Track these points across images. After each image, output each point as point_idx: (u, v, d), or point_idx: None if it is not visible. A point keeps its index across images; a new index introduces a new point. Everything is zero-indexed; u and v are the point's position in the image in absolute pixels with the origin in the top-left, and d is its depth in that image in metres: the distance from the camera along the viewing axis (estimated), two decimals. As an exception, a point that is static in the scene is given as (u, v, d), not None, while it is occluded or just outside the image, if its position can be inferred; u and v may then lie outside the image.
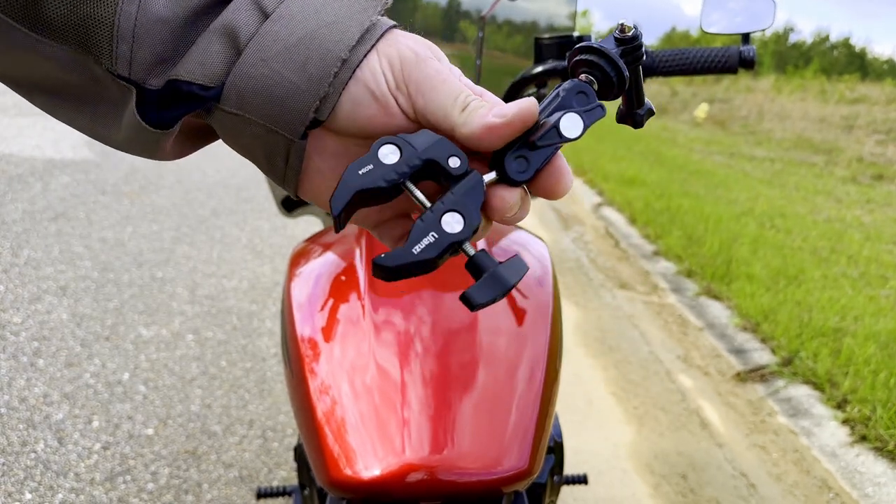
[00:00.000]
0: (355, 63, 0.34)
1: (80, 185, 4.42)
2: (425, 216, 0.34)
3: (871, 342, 3.05)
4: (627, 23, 0.38)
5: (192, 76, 0.33)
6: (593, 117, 0.35)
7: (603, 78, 0.37)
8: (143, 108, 0.34)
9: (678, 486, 2.12)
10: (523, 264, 0.34)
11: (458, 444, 0.79)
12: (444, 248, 0.33)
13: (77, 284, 2.97)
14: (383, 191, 0.34)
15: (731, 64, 1.05)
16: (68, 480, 1.84)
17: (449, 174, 0.35)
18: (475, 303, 0.33)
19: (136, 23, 0.32)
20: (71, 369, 2.34)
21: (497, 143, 0.34)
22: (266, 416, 2.21)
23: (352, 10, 0.35)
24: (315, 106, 0.34)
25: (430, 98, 0.34)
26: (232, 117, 0.35)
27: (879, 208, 6.67)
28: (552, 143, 0.34)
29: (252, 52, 0.33)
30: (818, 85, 18.41)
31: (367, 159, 0.34)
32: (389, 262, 0.33)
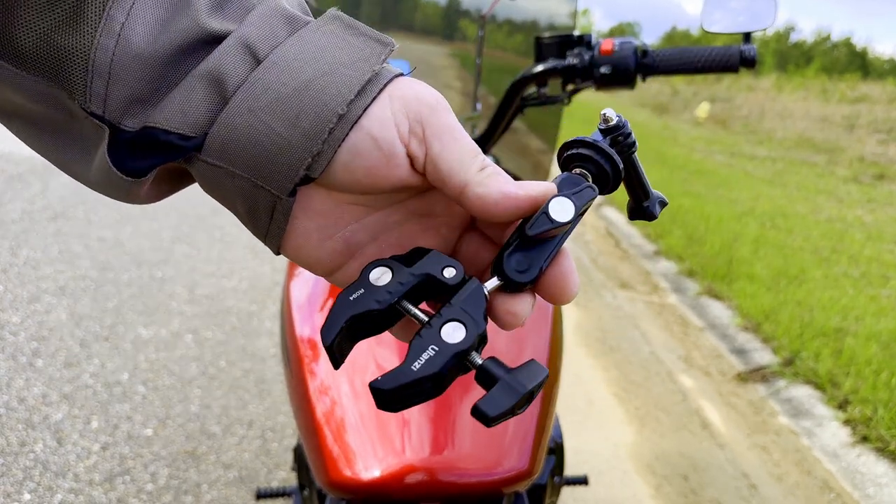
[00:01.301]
0: (353, 118, 0.31)
1: (79, 185, 4.41)
2: (424, 331, 0.31)
3: (873, 342, 3.04)
4: (609, 113, 0.37)
5: (171, 124, 0.30)
6: (584, 198, 0.33)
7: (597, 170, 0.36)
8: (115, 152, 0.31)
9: (679, 487, 2.11)
10: (540, 368, 0.31)
11: (459, 445, 0.79)
12: (448, 359, 0.30)
13: (76, 284, 2.97)
14: (378, 314, 0.32)
15: (733, 63, 1.04)
16: (67, 481, 1.83)
17: (446, 286, 0.32)
18: (489, 416, 0.29)
19: (113, 58, 0.29)
20: (70, 369, 2.33)
21: (507, 215, 0.32)
22: (265, 417, 2.21)
23: (353, 58, 0.32)
24: (307, 163, 0.31)
25: (447, 146, 0.32)
26: (213, 168, 0.32)
27: (881, 208, 6.66)
28: (544, 229, 0.32)
29: (239, 102, 0.30)
30: (819, 84, 18.41)
31: (357, 285, 0.32)
32: (387, 383, 0.30)
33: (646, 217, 0.43)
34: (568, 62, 1.06)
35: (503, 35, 1.45)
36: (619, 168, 0.36)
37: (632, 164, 0.39)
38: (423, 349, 0.30)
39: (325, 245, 0.35)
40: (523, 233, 0.33)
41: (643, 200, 0.42)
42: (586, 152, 0.36)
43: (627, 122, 0.37)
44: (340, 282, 0.37)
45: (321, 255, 0.35)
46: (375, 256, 0.36)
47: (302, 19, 0.33)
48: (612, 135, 0.37)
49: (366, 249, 0.36)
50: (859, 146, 10.59)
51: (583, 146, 0.36)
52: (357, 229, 0.35)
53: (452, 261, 0.33)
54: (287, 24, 0.32)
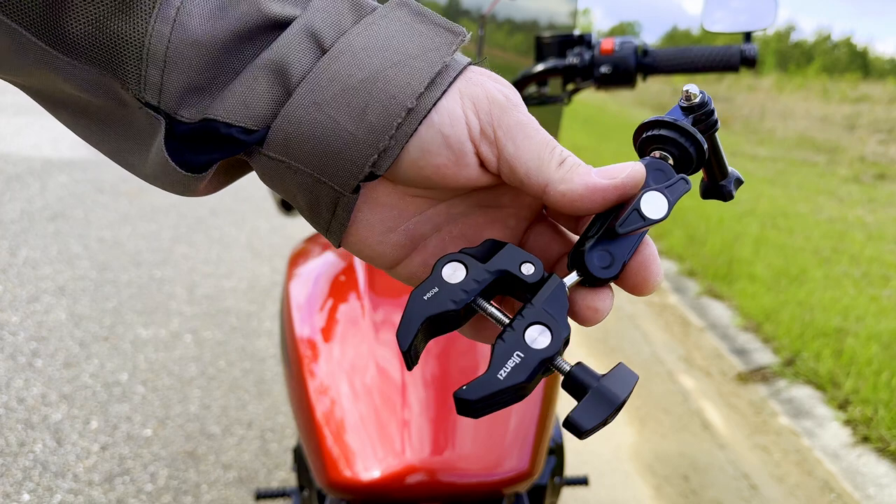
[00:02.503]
0: (423, 112, 0.29)
1: (78, 185, 4.41)
2: (506, 335, 0.29)
3: (874, 342, 3.04)
4: (692, 89, 0.34)
5: (232, 117, 0.29)
6: (677, 192, 0.31)
7: (679, 153, 0.33)
8: (172, 145, 0.30)
9: (680, 488, 2.11)
10: (631, 373, 0.30)
11: (459, 446, 0.78)
12: (535, 367, 0.28)
13: (75, 284, 2.97)
14: (453, 314, 0.30)
15: (733, 62, 1.04)
16: (66, 481, 1.83)
17: (524, 283, 0.31)
18: (583, 429, 0.28)
19: (168, 45, 0.27)
20: (69, 370, 2.33)
21: (596, 208, 0.30)
22: (265, 417, 2.20)
23: (424, 48, 0.30)
24: (373, 160, 0.29)
25: (522, 146, 0.30)
26: (275, 162, 0.31)
27: (881, 208, 6.66)
28: (636, 227, 0.30)
29: (304, 94, 0.29)
30: (820, 84, 18.40)
31: (430, 282, 0.30)
32: (472, 394, 0.28)
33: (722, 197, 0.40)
34: (568, 62, 1.06)
35: (503, 34, 1.45)
36: (703, 150, 0.33)
37: (713, 143, 0.37)
38: (508, 355, 0.29)
39: (388, 238, 0.34)
40: (607, 226, 0.31)
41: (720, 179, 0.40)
42: (669, 134, 0.33)
43: (711, 98, 0.34)
44: (402, 275, 0.35)
45: (384, 249, 0.34)
46: (438, 248, 0.34)
47: (368, 4, 0.31)
48: (694, 113, 0.34)
49: (428, 241, 0.34)
50: (860, 146, 10.59)
51: (664, 127, 0.33)
52: (420, 221, 0.34)
53: (530, 256, 0.31)
54: (353, 10, 0.31)
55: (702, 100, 0.34)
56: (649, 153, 0.34)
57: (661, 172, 0.32)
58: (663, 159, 0.33)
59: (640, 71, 1.06)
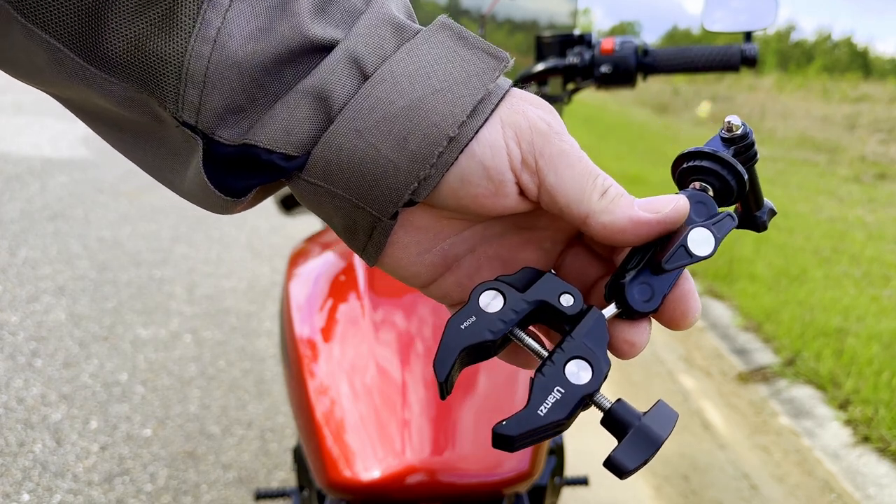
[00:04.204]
0: (465, 141, 0.29)
1: (77, 185, 4.41)
2: (546, 369, 0.29)
3: (874, 342, 3.04)
4: (734, 121, 0.34)
5: (273, 144, 0.29)
6: (724, 229, 0.30)
7: (720, 185, 0.33)
8: (211, 167, 0.29)
9: (680, 488, 2.10)
10: (671, 411, 0.29)
11: (459, 446, 0.78)
12: (575, 404, 0.28)
13: (75, 284, 2.96)
14: (490, 344, 0.30)
15: (733, 62, 1.04)
16: (66, 481, 1.83)
17: (563, 315, 0.30)
18: (625, 469, 0.28)
19: (208, 65, 0.27)
20: (69, 370, 2.33)
21: (637, 241, 0.30)
22: (265, 417, 2.20)
23: (466, 74, 0.29)
24: (413, 188, 0.29)
25: (564, 176, 0.30)
26: (314, 187, 0.30)
27: (882, 208, 6.66)
28: (682, 263, 0.29)
29: (345, 121, 0.29)
30: (820, 83, 18.40)
31: (467, 311, 0.30)
32: (512, 429, 0.28)
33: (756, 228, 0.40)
34: (568, 61, 1.05)
35: (503, 34, 1.45)
36: (744, 182, 0.33)
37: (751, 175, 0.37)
38: (549, 391, 0.28)
39: (423, 258, 0.34)
40: (648, 259, 0.30)
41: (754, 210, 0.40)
42: (710, 165, 0.33)
43: (752, 130, 0.34)
44: (435, 294, 0.35)
45: (418, 269, 0.34)
46: (472, 269, 0.34)
47: (410, 28, 0.31)
48: (735, 145, 0.34)
49: (462, 262, 0.34)
50: (860, 146, 10.59)
51: (706, 158, 0.33)
52: (455, 242, 0.34)
53: (569, 287, 0.31)
54: (395, 35, 0.30)
55: (744, 131, 0.34)
56: (689, 183, 0.33)
57: (703, 205, 0.32)
58: (703, 191, 0.33)
59: (640, 70, 1.06)
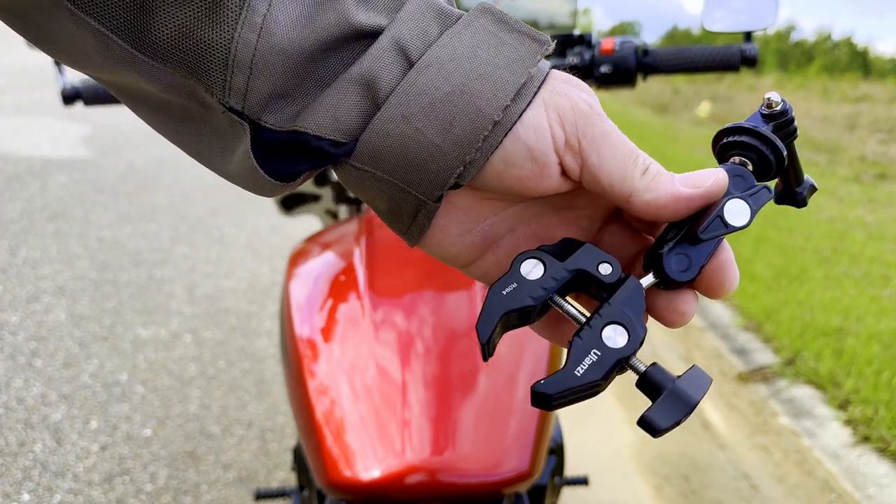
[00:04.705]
0: (509, 124, 0.30)
1: (77, 185, 4.41)
2: (583, 332, 0.30)
3: (874, 342, 3.04)
4: (774, 97, 0.34)
5: (322, 130, 0.29)
6: (760, 201, 0.32)
7: (759, 159, 0.34)
8: (259, 152, 0.30)
9: (680, 488, 2.10)
10: (705, 376, 0.31)
11: (459, 446, 0.78)
12: (611, 366, 0.29)
13: (75, 284, 2.96)
14: (530, 309, 0.31)
15: (733, 62, 1.04)
16: (66, 481, 1.83)
17: (602, 283, 0.31)
18: (658, 428, 0.29)
19: (255, 52, 0.28)
20: (69, 370, 2.33)
21: (680, 215, 0.31)
22: (265, 417, 2.20)
23: (509, 58, 0.30)
24: (458, 171, 0.30)
25: (606, 156, 0.30)
26: (360, 172, 0.31)
27: (882, 207, 6.66)
28: (718, 233, 0.31)
29: (392, 107, 0.29)
30: (820, 83, 18.40)
31: (509, 278, 0.31)
32: (550, 388, 0.29)
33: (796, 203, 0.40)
34: (568, 61, 1.06)
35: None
36: (783, 157, 0.34)
37: (790, 150, 0.37)
38: (586, 353, 0.30)
39: (463, 239, 0.34)
40: (687, 231, 0.31)
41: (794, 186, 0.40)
42: (749, 140, 0.34)
43: (791, 107, 0.35)
44: (475, 274, 0.36)
45: (458, 250, 0.35)
46: (511, 247, 0.35)
47: (453, 14, 0.31)
48: (775, 121, 0.34)
49: (502, 241, 0.35)
50: (860, 146, 10.59)
51: (745, 133, 0.34)
52: (495, 223, 0.34)
53: (608, 256, 0.32)
54: (439, 20, 0.31)
55: (783, 108, 0.34)
56: (728, 158, 0.34)
57: (741, 178, 0.32)
58: (743, 165, 0.33)
59: (640, 70, 1.06)
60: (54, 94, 5.82)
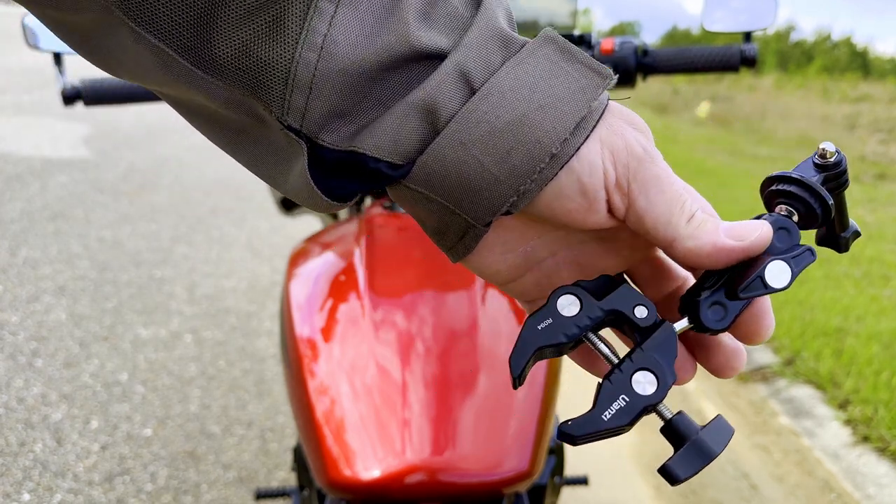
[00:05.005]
0: (566, 157, 0.30)
1: (78, 185, 4.41)
2: (614, 376, 0.31)
3: (874, 342, 3.04)
4: (829, 147, 0.34)
5: (381, 153, 0.29)
6: (802, 264, 0.31)
7: (806, 211, 0.33)
8: (315, 171, 0.30)
9: (679, 488, 2.11)
10: (728, 427, 0.31)
11: (459, 445, 0.78)
12: (638, 413, 0.30)
13: (75, 284, 2.97)
14: (563, 345, 0.32)
15: (733, 62, 1.04)
16: (67, 481, 1.83)
17: (636, 325, 0.32)
18: (678, 478, 0.30)
19: (315, 73, 0.28)
20: (69, 369, 2.33)
21: (721, 265, 0.31)
22: (265, 417, 2.20)
23: (570, 90, 0.30)
24: (512, 201, 0.30)
25: (654, 201, 0.31)
26: (414, 193, 0.31)
27: (882, 207, 6.66)
28: (757, 293, 0.31)
29: (452, 133, 0.29)
30: (820, 83, 18.41)
31: (545, 313, 0.32)
32: (576, 430, 0.30)
33: (838, 248, 0.40)
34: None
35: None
36: (830, 210, 0.33)
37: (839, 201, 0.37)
38: (614, 398, 0.30)
39: (505, 258, 0.35)
40: (726, 282, 0.31)
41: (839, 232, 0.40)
42: (797, 191, 0.33)
43: (845, 157, 0.34)
44: (514, 291, 0.37)
45: (500, 268, 0.35)
46: (552, 270, 0.35)
47: (516, 41, 0.31)
48: (827, 172, 0.34)
49: (543, 263, 0.35)
50: (860, 146, 10.59)
51: (793, 183, 0.33)
52: (538, 245, 0.35)
53: (644, 299, 0.32)
54: (502, 48, 0.31)
55: (837, 158, 0.34)
56: (775, 205, 0.34)
57: (786, 231, 0.32)
58: (789, 214, 0.33)
59: (640, 71, 1.06)
60: (55, 94, 5.82)
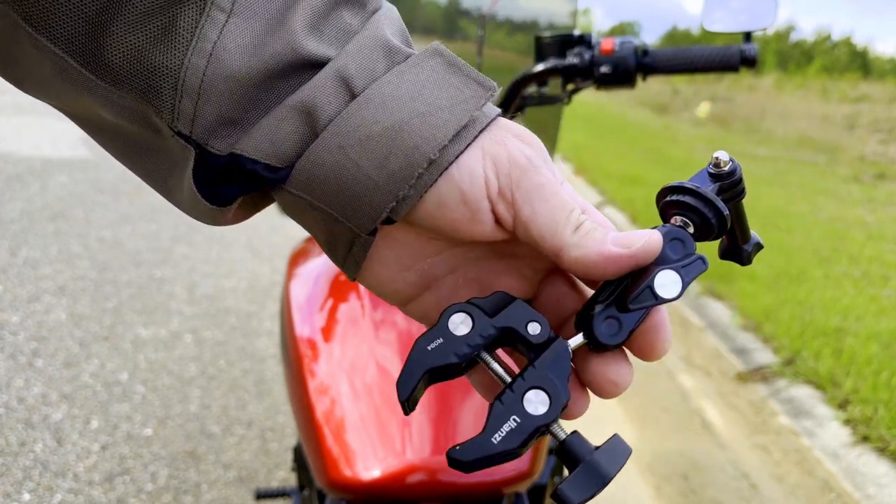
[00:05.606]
0: (445, 164, 0.30)
1: (78, 185, 4.41)
2: (505, 397, 0.30)
3: (873, 342, 3.04)
4: (723, 156, 0.34)
5: (258, 154, 0.30)
6: (693, 273, 0.31)
7: (701, 221, 0.33)
8: (200, 176, 0.31)
9: (679, 487, 2.11)
10: (624, 447, 0.30)
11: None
12: (528, 434, 0.29)
13: (75, 284, 2.97)
14: (455, 366, 0.31)
15: (733, 62, 1.04)
16: (67, 481, 1.83)
17: (529, 342, 0.31)
18: (572, 502, 0.29)
19: (203, 78, 0.28)
20: (69, 369, 2.33)
21: (609, 275, 0.31)
22: (265, 417, 2.20)
23: (453, 100, 0.30)
24: (391, 206, 0.30)
25: (539, 210, 0.30)
26: (297, 199, 0.31)
27: (881, 207, 6.66)
28: (647, 304, 0.30)
29: (330, 137, 0.29)
30: (820, 83, 18.41)
31: (435, 332, 0.31)
32: (465, 455, 0.29)
33: (740, 261, 0.39)
34: (568, 61, 1.06)
35: (503, 34, 1.45)
36: (725, 221, 0.33)
37: (737, 211, 0.36)
38: (505, 420, 0.29)
39: (403, 276, 0.34)
40: (619, 296, 0.31)
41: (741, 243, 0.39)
42: (691, 201, 0.33)
43: (739, 165, 0.34)
44: (414, 313, 0.36)
45: (398, 286, 0.35)
46: (451, 290, 0.35)
47: (402, 52, 0.31)
48: (721, 182, 0.34)
49: (442, 282, 0.35)
50: (860, 145, 10.59)
51: (688, 194, 0.33)
52: (436, 262, 0.34)
53: (537, 315, 0.31)
54: (386, 57, 0.31)
55: (731, 167, 0.34)
56: (671, 217, 0.33)
57: (680, 242, 0.32)
58: (684, 225, 0.33)
59: (640, 71, 1.06)
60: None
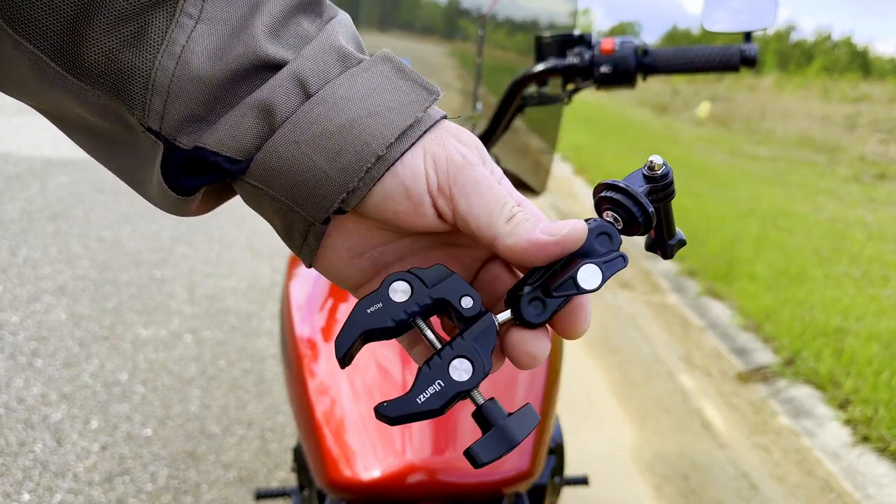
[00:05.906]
0: (391, 160, 0.33)
1: (77, 185, 4.41)
2: (433, 362, 0.33)
3: (874, 342, 3.04)
4: (657, 160, 0.36)
5: (220, 147, 0.32)
6: (613, 269, 0.34)
7: (628, 217, 0.36)
8: (168, 170, 0.34)
9: (680, 487, 2.11)
10: (534, 415, 0.33)
11: (459, 446, 0.78)
12: (450, 398, 0.32)
13: (75, 284, 2.97)
14: (390, 329, 0.34)
15: (733, 62, 1.04)
16: (66, 481, 1.83)
17: (461, 314, 0.34)
18: (479, 461, 0.32)
19: (172, 79, 0.31)
20: (69, 369, 2.33)
21: (540, 261, 0.34)
22: (265, 417, 2.20)
23: (400, 102, 0.34)
24: (342, 197, 0.33)
25: (474, 203, 0.34)
26: (256, 189, 0.34)
27: (882, 207, 6.66)
28: (568, 293, 0.33)
29: (286, 133, 0.32)
30: (820, 83, 18.41)
31: (376, 297, 0.33)
32: (392, 411, 0.32)
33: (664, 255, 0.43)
34: (568, 61, 1.06)
35: (503, 34, 1.45)
36: (651, 219, 0.36)
37: (665, 210, 0.39)
38: (430, 383, 0.32)
39: (354, 263, 0.37)
40: (545, 282, 0.34)
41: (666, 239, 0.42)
42: (621, 199, 0.36)
43: (671, 170, 0.37)
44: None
45: (349, 272, 0.38)
46: None
47: (354, 57, 0.35)
48: (653, 183, 0.37)
49: (390, 269, 0.38)
50: (860, 145, 10.59)
51: (619, 192, 0.36)
52: (385, 251, 0.37)
53: (471, 290, 0.34)
54: (340, 62, 0.34)
55: (664, 172, 0.36)
56: (603, 211, 0.37)
57: (607, 236, 0.35)
58: (614, 221, 0.36)
59: (640, 71, 1.06)
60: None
